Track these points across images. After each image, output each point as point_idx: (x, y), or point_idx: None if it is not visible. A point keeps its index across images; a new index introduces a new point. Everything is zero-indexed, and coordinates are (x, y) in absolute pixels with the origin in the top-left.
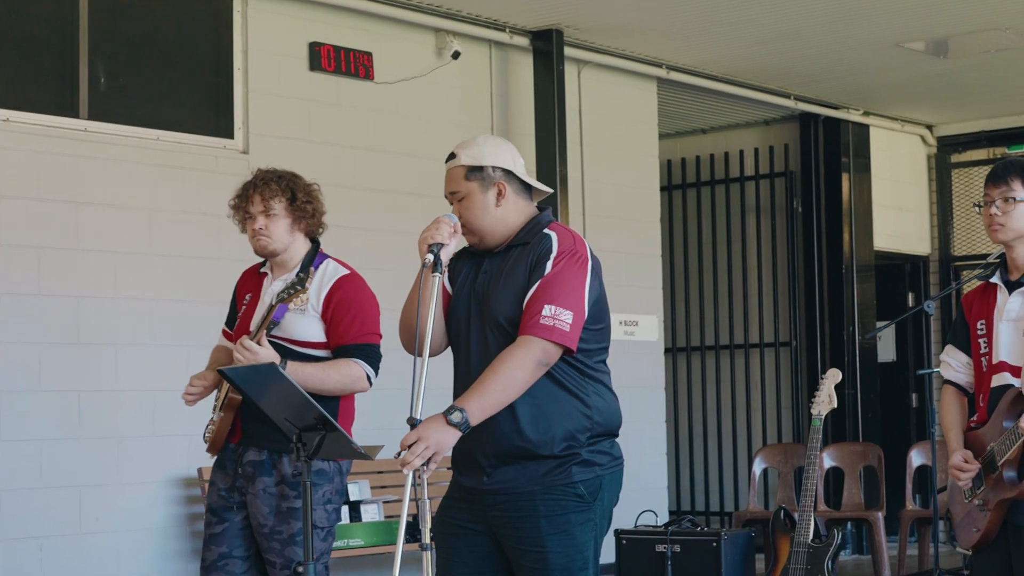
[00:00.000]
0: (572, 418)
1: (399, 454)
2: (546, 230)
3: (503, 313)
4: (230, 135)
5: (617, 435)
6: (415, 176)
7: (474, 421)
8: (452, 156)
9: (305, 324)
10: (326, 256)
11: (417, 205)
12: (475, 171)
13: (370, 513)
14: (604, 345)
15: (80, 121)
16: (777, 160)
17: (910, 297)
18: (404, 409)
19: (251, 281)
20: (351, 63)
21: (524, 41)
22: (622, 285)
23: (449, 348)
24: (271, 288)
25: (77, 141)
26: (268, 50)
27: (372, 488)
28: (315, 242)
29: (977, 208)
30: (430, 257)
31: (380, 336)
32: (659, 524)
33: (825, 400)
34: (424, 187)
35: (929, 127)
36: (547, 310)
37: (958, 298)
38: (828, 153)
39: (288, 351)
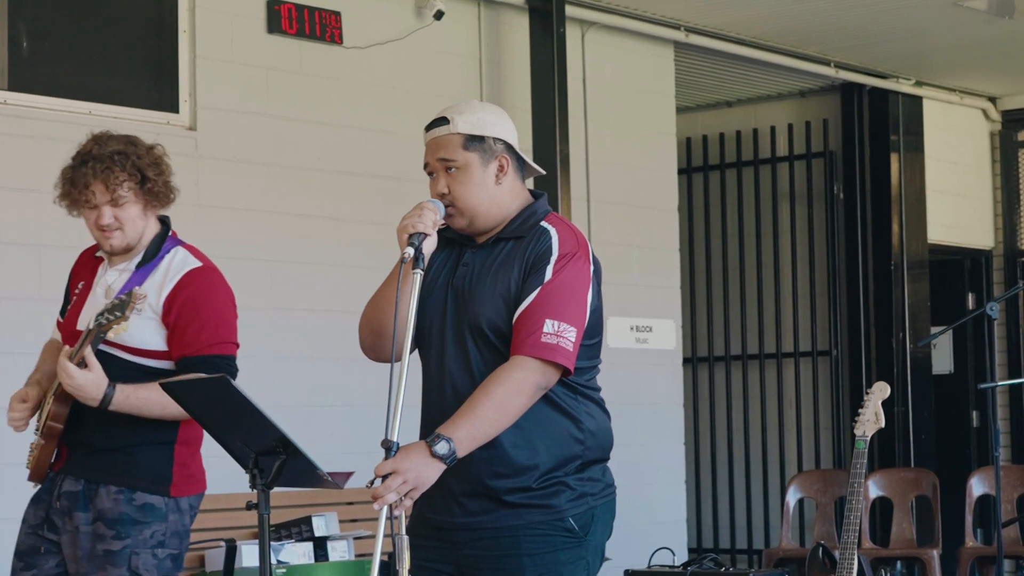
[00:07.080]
0: (562, 443)
1: (372, 483)
2: (543, 223)
3: (487, 319)
4: (175, 108)
5: (608, 459)
6: (391, 156)
7: (462, 453)
8: (442, 120)
9: (143, 328)
10: (178, 242)
11: (393, 190)
12: (475, 140)
13: (338, 551)
14: (596, 362)
15: None
16: (815, 138)
17: (970, 298)
18: (379, 429)
19: (87, 265)
20: (316, 24)
21: None
22: (633, 284)
23: (417, 351)
24: (103, 279)
25: None
26: (219, 9)
27: (341, 522)
28: (164, 223)
29: None
30: (410, 251)
31: (237, 346)
32: (677, 564)
33: (871, 419)
34: (401, 169)
35: (992, 99)
36: (549, 326)
37: None
38: (874, 130)
39: (121, 362)
